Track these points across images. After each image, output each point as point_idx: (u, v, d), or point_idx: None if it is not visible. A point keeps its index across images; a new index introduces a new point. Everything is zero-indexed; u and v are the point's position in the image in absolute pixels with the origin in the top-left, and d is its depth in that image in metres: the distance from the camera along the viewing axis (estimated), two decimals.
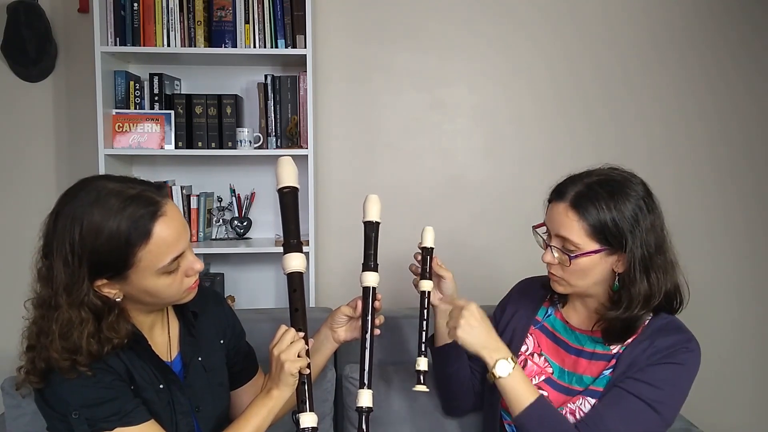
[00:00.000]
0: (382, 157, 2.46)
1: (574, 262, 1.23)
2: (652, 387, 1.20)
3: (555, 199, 1.28)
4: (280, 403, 1.18)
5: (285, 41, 2.21)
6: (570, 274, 1.26)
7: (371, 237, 1.33)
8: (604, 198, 1.22)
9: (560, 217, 1.25)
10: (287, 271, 1.21)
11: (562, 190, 1.27)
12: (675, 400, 1.22)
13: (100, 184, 1.07)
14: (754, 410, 2.61)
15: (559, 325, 1.38)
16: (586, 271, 1.25)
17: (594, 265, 1.24)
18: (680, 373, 1.22)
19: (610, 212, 1.21)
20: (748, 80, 2.51)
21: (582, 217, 1.22)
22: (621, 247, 1.22)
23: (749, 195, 2.54)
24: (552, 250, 1.27)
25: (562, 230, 1.24)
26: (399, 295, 1.85)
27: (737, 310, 2.58)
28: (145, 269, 1.07)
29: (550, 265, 1.29)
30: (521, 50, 2.46)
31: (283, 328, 1.19)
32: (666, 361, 1.22)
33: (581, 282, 1.27)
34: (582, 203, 1.22)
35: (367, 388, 1.25)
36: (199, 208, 2.32)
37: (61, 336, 1.04)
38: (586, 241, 1.22)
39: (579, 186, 1.25)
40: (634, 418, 1.19)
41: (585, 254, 1.23)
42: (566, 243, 1.24)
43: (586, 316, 1.35)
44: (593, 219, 1.21)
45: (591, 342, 1.32)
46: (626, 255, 1.22)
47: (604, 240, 1.22)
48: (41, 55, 2.29)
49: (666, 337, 1.24)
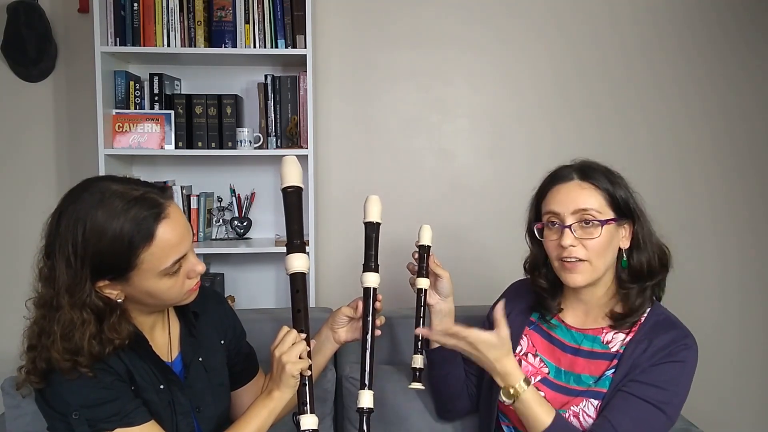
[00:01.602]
0: (382, 157, 2.46)
1: (603, 230, 1.23)
2: (658, 388, 1.20)
3: (558, 182, 1.29)
4: (281, 405, 1.18)
5: (285, 41, 2.21)
6: (594, 252, 1.23)
7: (372, 237, 1.33)
8: (603, 172, 1.28)
9: (573, 193, 1.26)
10: (290, 272, 1.21)
11: (562, 174, 1.29)
12: (679, 398, 1.23)
13: (103, 185, 1.07)
14: (761, 410, 2.61)
15: (555, 322, 1.37)
16: (606, 246, 1.25)
17: (612, 237, 1.26)
18: (682, 370, 1.22)
19: (614, 184, 1.27)
20: (753, 78, 2.51)
21: (597, 186, 1.26)
22: (629, 217, 1.27)
23: (754, 193, 2.54)
24: (571, 230, 1.24)
25: (582, 202, 1.24)
26: (399, 296, 1.84)
27: (743, 309, 2.57)
28: (148, 271, 1.07)
29: (572, 250, 1.23)
30: (522, 50, 2.46)
31: (285, 329, 1.18)
32: (667, 361, 1.22)
33: (602, 262, 1.25)
34: (592, 175, 1.27)
35: (368, 389, 1.25)
36: (199, 208, 2.32)
37: (63, 337, 1.04)
38: (605, 209, 1.25)
39: (576, 166, 1.30)
40: (643, 421, 1.19)
41: (608, 221, 1.24)
42: (586, 215, 1.24)
43: (583, 315, 1.34)
44: (605, 186, 1.26)
45: (588, 341, 1.31)
46: (634, 226, 1.27)
47: (618, 209, 1.26)
48: (41, 55, 2.29)
49: (663, 335, 1.24)
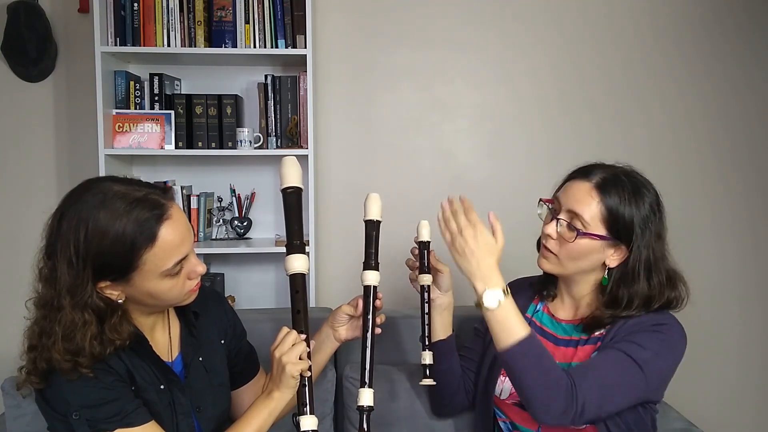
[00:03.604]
0: (382, 157, 2.46)
1: (578, 240, 1.24)
2: (639, 347, 1.21)
3: (578, 177, 1.30)
4: (281, 405, 1.18)
5: (285, 41, 2.21)
6: (566, 253, 1.27)
7: (372, 235, 1.33)
8: (628, 189, 1.26)
9: (581, 194, 1.27)
10: (290, 273, 1.21)
11: (588, 171, 1.30)
12: (659, 367, 1.22)
13: (105, 186, 1.07)
14: (761, 410, 2.60)
15: (547, 320, 1.39)
16: (582, 255, 1.26)
17: (592, 250, 1.26)
18: (664, 344, 1.22)
19: (629, 205, 1.24)
20: (752, 78, 2.50)
21: (603, 199, 1.25)
22: (626, 241, 1.25)
23: (753, 193, 2.54)
24: (558, 224, 1.27)
25: (578, 206, 1.25)
26: (399, 294, 1.85)
27: (742, 309, 2.57)
28: (149, 272, 1.07)
29: (548, 239, 1.29)
30: (523, 49, 2.46)
31: (285, 330, 1.18)
32: (652, 330, 1.23)
33: (572, 264, 1.28)
34: (607, 187, 1.26)
35: (368, 387, 1.25)
36: (199, 208, 2.32)
37: (64, 337, 1.04)
38: (597, 223, 1.25)
39: (607, 171, 1.29)
40: (620, 369, 1.20)
41: (590, 235, 1.24)
42: (575, 219, 1.25)
43: (572, 308, 1.36)
44: (612, 205, 1.24)
45: (578, 331, 1.33)
46: (631, 252, 1.25)
47: (614, 229, 1.25)
48: (41, 55, 2.29)
49: (653, 315, 1.26)
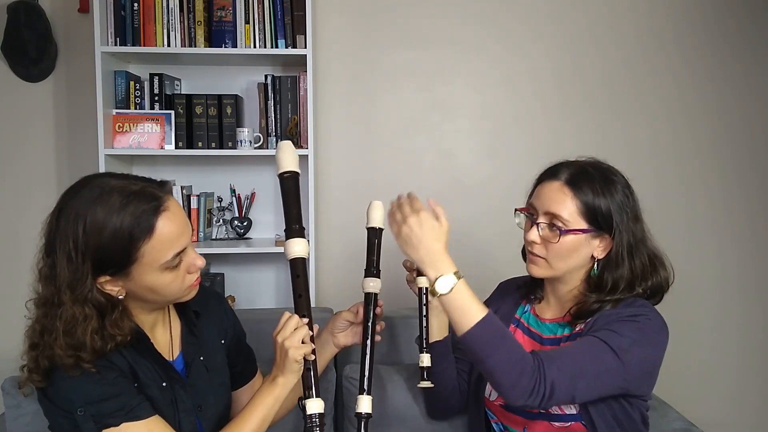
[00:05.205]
0: (382, 157, 2.46)
1: (562, 239, 1.25)
2: (616, 334, 1.20)
3: (547, 178, 1.31)
4: (285, 391, 1.18)
5: (285, 41, 2.21)
6: (554, 254, 1.27)
7: (374, 243, 1.33)
8: (598, 180, 1.27)
9: (553, 194, 1.27)
10: (290, 257, 1.20)
11: (556, 171, 1.30)
12: (637, 356, 1.20)
13: (102, 181, 1.07)
14: (761, 410, 2.61)
15: (532, 320, 1.40)
16: (570, 252, 1.27)
17: (578, 245, 1.26)
18: (642, 333, 1.21)
19: (602, 194, 1.25)
20: (752, 78, 2.51)
21: (576, 195, 1.25)
22: (608, 230, 1.26)
23: (753, 193, 2.54)
24: (538, 228, 1.28)
25: (554, 207, 1.26)
26: (398, 297, 1.84)
27: (742, 309, 2.57)
28: (148, 265, 1.07)
29: (533, 245, 1.29)
30: (523, 49, 2.46)
31: (287, 314, 1.18)
32: (630, 320, 1.23)
33: (562, 264, 1.28)
34: (577, 182, 1.26)
35: (367, 394, 1.25)
36: (200, 208, 2.32)
37: (66, 332, 1.04)
38: (576, 218, 1.25)
39: (572, 168, 1.30)
40: (594, 353, 1.18)
41: (573, 231, 1.25)
42: (555, 220, 1.26)
43: (558, 308, 1.37)
44: (587, 198, 1.25)
45: (561, 328, 1.34)
46: (613, 239, 1.26)
47: (594, 220, 1.25)
48: (41, 55, 2.29)
49: (631, 308, 1.25)
